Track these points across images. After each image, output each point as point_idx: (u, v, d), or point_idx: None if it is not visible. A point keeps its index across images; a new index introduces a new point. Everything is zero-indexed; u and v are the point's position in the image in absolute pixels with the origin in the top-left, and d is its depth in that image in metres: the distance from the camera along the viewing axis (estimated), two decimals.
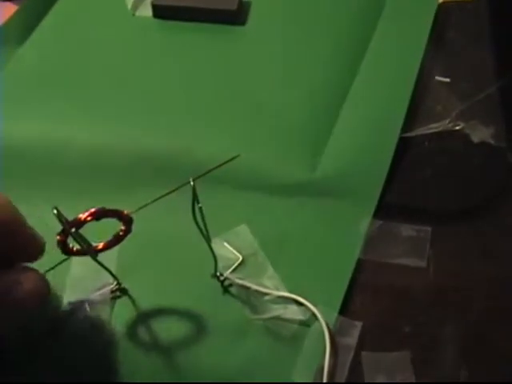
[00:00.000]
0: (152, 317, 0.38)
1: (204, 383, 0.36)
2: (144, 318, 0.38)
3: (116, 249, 0.35)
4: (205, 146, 0.45)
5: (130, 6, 0.56)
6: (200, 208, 0.33)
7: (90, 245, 0.34)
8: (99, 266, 0.35)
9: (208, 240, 0.36)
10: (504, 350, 0.37)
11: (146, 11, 0.55)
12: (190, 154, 0.45)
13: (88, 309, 0.38)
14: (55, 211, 0.31)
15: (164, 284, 0.39)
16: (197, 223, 0.34)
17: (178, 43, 0.53)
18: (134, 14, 0.56)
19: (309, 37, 0.52)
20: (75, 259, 0.39)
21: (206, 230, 0.35)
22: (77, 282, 0.39)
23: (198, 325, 0.38)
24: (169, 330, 0.38)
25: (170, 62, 0.52)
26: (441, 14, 0.53)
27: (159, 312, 0.38)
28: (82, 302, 0.39)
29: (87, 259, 0.34)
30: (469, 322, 0.38)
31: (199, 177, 0.34)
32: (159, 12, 0.55)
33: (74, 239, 0.33)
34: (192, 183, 0.33)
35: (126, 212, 0.34)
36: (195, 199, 0.33)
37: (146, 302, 0.39)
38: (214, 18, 0.53)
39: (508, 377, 0.36)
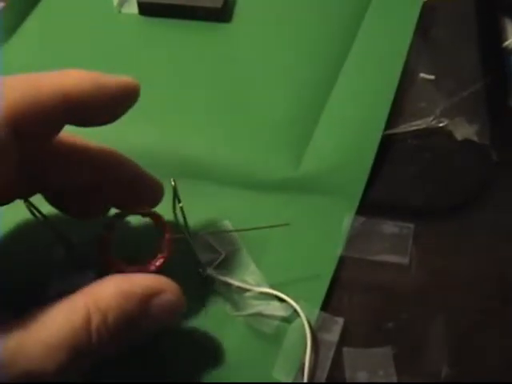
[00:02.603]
0: None
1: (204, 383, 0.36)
2: None
3: None
4: (189, 143, 0.45)
5: (115, 4, 0.55)
6: (181, 207, 0.33)
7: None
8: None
9: (189, 238, 0.36)
10: (486, 348, 0.37)
11: (132, 8, 0.55)
12: (174, 151, 0.45)
13: None
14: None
15: None
16: (177, 221, 0.34)
17: (163, 40, 0.53)
18: (119, 12, 0.56)
19: (293, 35, 0.52)
20: None
21: (187, 229, 0.35)
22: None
23: (180, 320, 0.38)
24: None
25: (156, 59, 0.52)
26: (426, 11, 0.53)
27: None
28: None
29: None
30: (451, 319, 0.38)
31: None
32: (145, 9, 0.55)
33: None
34: (173, 183, 0.33)
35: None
36: (176, 198, 0.33)
37: None
38: (199, 15, 0.53)
39: (490, 374, 0.36)
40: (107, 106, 0.32)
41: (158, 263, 0.34)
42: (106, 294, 0.30)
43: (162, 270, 0.39)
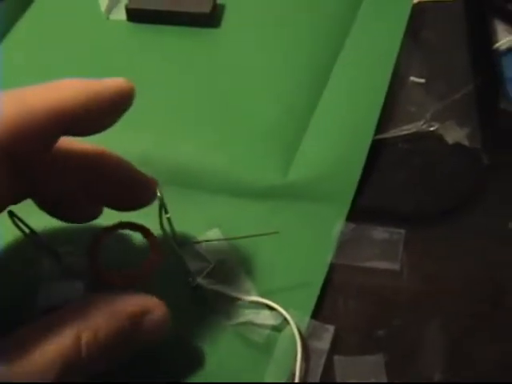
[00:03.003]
0: None
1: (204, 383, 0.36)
2: None
3: None
4: (178, 151, 0.45)
5: (103, 10, 0.55)
6: (168, 218, 0.33)
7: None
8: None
9: (177, 248, 0.35)
10: (479, 354, 0.37)
11: (120, 15, 0.55)
12: (163, 159, 0.44)
13: None
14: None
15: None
16: (164, 232, 0.33)
17: (152, 46, 0.53)
18: (107, 18, 0.55)
19: (282, 40, 0.52)
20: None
21: (175, 239, 0.35)
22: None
23: (170, 330, 0.37)
24: None
25: (144, 65, 0.51)
26: (416, 13, 0.53)
27: None
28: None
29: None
30: (443, 325, 0.37)
31: None
32: (133, 15, 0.54)
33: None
34: (159, 194, 0.32)
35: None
36: (163, 208, 0.32)
37: None
38: (188, 21, 0.53)
39: (482, 379, 0.36)
40: (103, 115, 0.32)
41: (148, 267, 0.34)
42: (96, 313, 0.31)
43: (152, 281, 0.39)
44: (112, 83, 0.31)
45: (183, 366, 0.36)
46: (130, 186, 0.36)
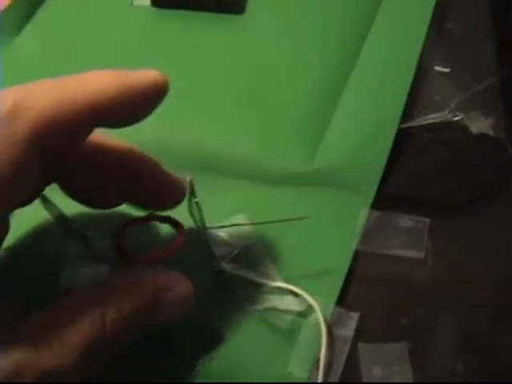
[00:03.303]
0: None
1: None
2: None
3: None
4: (203, 138, 0.45)
5: None
6: (196, 202, 0.33)
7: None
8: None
9: (204, 233, 0.35)
10: (501, 344, 0.37)
11: (144, 0, 0.55)
12: (189, 146, 0.45)
13: None
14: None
15: None
16: (193, 217, 0.33)
17: (176, 32, 0.53)
18: (131, 3, 0.55)
19: (307, 27, 0.51)
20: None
21: (203, 224, 0.35)
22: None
23: (194, 315, 0.38)
24: None
25: (169, 51, 0.51)
26: (441, 3, 0.52)
27: None
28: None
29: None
30: (467, 314, 0.37)
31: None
32: (157, 1, 0.54)
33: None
34: (188, 178, 0.33)
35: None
36: (192, 194, 0.33)
37: None
38: (212, 6, 0.53)
39: (504, 370, 0.36)
40: (136, 108, 0.31)
41: (172, 247, 0.34)
42: (121, 290, 0.31)
43: (177, 264, 0.39)
44: (146, 76, 0.31)
45: (206, 351, 0.36)
46: (157, 186, 0.36)
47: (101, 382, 0.35)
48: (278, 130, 0.45)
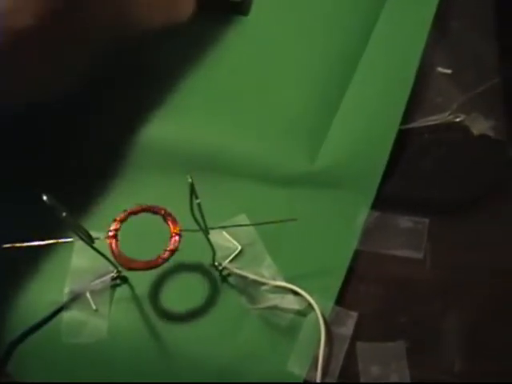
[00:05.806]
0: (151, 304, 0.39)
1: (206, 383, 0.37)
2: (143, 305, 0.39)
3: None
4: (205, 137, 0.45)
5: None
6: (198, 204, 0.33)
7: (88, 234, 0.35)
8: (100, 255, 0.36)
9: (206, 233, 0.36)
10: (498, 342, 0.37)
11: None
12: (191, 146, 0.45)
13: (89, 296, 0.39)
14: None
15: (163, 273, 0.40)
16: (194, 217, 0.34)
17: (183, 32, 0.53)
18: None
19: (310, 28, 0.51)
20: (76, 248, 0.39)
21: (205, 224, 0.35)
22: (78, 269, 0.40)
23: (196, 313, 0.38)
24: (167, 317, 0.38)
25: (174, 51, 0.52)
26: (444, 3, 0.52)
27: (158, 300, 0.39)
28: (82, 290, 0.39)
29: (87, 248, 0.35)
30: (464, 314, 0.38)
31: None
32: None
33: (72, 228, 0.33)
34: (190, 180, 0.33)
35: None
36: (193, 194, 0.33)
37: (145, 290, 0.39)
38: (218, 8, 0.53)
39: (501, 369, 0.36)
40: None
41: (165, 255, 0.35)
42: None
43: (179, 264, 0.39)
44: None
45: (207, 348, 0.37)
46: None
47: (99, 382, 0.36)
48: (280, 130, 0.45)
